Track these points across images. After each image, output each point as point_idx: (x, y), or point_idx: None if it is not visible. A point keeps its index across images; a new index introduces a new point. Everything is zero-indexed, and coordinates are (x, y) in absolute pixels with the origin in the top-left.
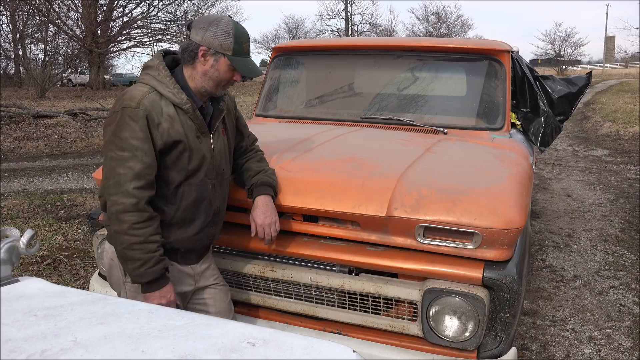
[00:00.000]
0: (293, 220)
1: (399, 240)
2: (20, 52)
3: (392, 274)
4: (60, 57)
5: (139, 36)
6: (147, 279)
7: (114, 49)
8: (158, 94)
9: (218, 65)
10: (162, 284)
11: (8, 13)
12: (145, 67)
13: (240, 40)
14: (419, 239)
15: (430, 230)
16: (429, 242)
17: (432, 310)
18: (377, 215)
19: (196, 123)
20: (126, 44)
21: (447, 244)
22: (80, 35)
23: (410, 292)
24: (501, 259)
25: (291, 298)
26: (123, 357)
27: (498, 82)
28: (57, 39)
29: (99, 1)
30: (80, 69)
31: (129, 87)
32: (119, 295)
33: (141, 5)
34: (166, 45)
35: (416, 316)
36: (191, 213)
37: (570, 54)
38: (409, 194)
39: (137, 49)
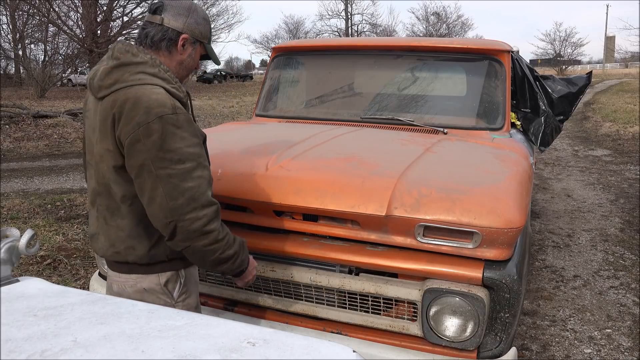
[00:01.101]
0: (293, 219)
1: (399, 240)
2: (20, 52)
3: (392, 274)
4: (60, 57)
5: None
6: (245, 265)
7: None
8: (167, 92)
9: (195, 54)
10: (248, 258)
11: (8, 13)
12: (131, 63)
13: (211, 27)
14: (418, 239)
15: (430, 230)
16: (429, 242)
17: (432, 310)
18: (377, 214)
19: (192, 114)
20: None
21: (447, 244)
22: (80, 35)
23: (410, 292)
24: (501, 258)
25: (291, 298)
26: (123, 357)
27: (498, 82)
28: (57, 39)
29: (99, 1)
30: (80, 69)
31: (136, 93)
32: None
33: (141, 5)
34: None
35: (416, 316)
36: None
37: (570, 54)
38: (409, 193)
39: None
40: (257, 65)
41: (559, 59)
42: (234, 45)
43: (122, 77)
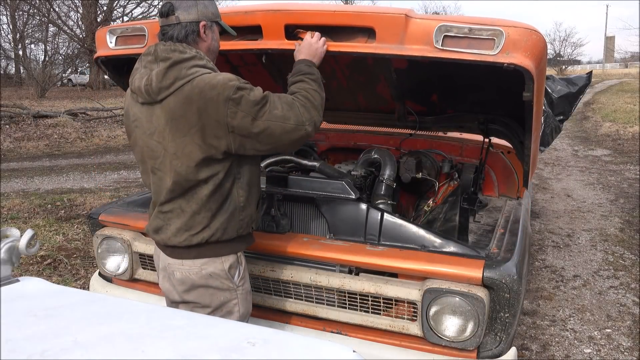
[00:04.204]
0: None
1: (415, 49)
2: (20, 52)
3: (392, 274)
4: (60, 57)
5: None
6: (319, 61)
7: None
8: None
9: (215, 35)
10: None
11: (8, 13)
12: (183, 60)
13: (215, 2)
14: (436, 45)
15: (450, 38)
16: (448, 49)
17: (432, 310)
18: (398, 14)
19: None
20: None
21: (467, 50)
22: (80, 35)
23: (410, 292)
24: (524, 65)
25: (291, 298)
26: (123, 357)
27: None
28: (57, 39)
29: (99, 1)
30: (80, 69)
31: (204, 80)
32: (222, 306)
33: (141, 5)
34: None
35: (416, 316)
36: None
37: (570, 54)
38: (429, 11)
39: None
40: None
41: (558, 59)
42: None
43: (180, 74)
